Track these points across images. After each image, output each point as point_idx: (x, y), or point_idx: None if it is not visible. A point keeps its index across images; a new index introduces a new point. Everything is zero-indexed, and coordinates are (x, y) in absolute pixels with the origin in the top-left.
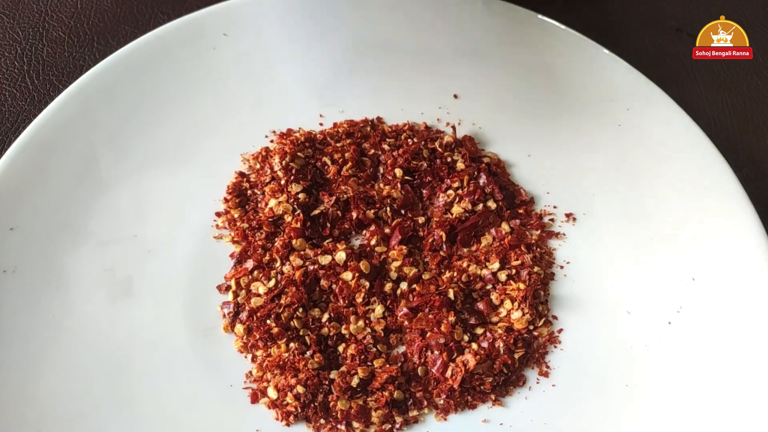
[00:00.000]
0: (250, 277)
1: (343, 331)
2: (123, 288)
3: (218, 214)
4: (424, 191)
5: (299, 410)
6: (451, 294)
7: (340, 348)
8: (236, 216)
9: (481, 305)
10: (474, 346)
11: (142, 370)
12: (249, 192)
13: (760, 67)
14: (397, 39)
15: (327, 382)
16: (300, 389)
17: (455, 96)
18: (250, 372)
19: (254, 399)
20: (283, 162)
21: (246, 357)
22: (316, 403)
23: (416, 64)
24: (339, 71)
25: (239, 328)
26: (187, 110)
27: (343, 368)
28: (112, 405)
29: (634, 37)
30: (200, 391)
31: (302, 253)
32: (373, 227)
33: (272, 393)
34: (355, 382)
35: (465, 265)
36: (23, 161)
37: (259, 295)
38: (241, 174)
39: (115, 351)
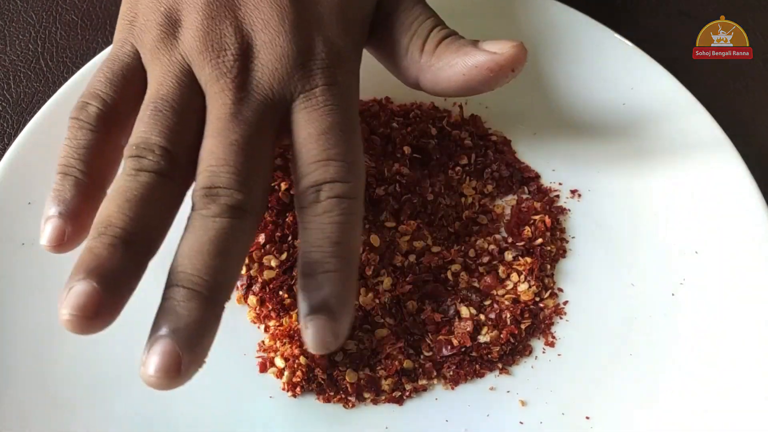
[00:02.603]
0: (262, 250)
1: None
2: None
3: None
4: (432, 168)
5: (304, 382)
6: (449, 275)
7: None
8: None
9: (488, 279)
10: (481, 317)
11: None
12: None
13: (763, 50)
14: None
15: (333, 354)
16: (302, 360)
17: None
18: (263, 341)
19: (263, 368)
20: None
21: (259, 327)
22: (321, 377)
23: None
24: None
25: (252, 299)
26: None
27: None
28: (128, 371)
29: (639, 19)
30: (215, 359)
31: None
32: (383, 203)
33: (279, 362)
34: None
35: (473, 239)
36: (39, 139)
37: (271, 268)
38: None
39: (131, 320)
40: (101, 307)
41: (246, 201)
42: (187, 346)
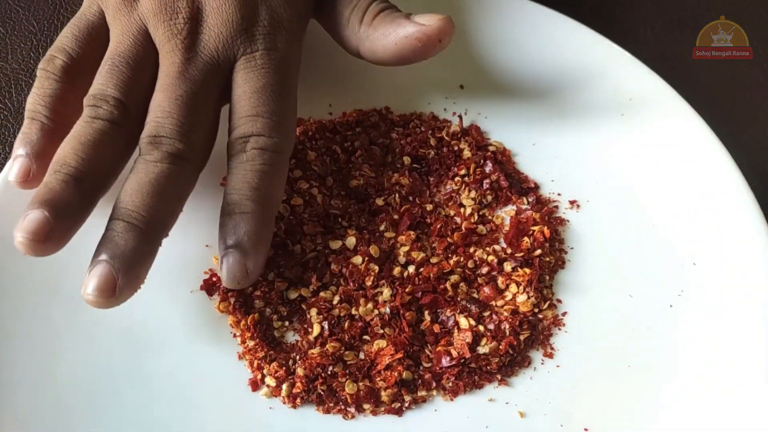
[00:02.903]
0: None
1: (353, 312)
2: None
3: None
4: (431, 179)
5: (304, 393)
6: (449, 286)
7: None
8: None
9: (487, 289)
10: (480, 328)
11: (157, 346)
12: None
13: (760, 59)
14: None
15: (332, 366)
16: (300, 371)
17: (461, 87)
18: (240, 354)
19: (254, 387)
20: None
21: (236, 337)
22: (320, 388)
23: None
24: (348, 62)
25: (225, 305)
26: None
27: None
28: (129, 378)
29: (637, 29)
30: (214, 368)
31: (313, 237)
32: (383, 214)
33: (270, 381)
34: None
35: (472, 250)
36: None
37: None
38: None
39: (130, 324)
40: (51, 233)
41: (186, 150)
42: (122, 271)
